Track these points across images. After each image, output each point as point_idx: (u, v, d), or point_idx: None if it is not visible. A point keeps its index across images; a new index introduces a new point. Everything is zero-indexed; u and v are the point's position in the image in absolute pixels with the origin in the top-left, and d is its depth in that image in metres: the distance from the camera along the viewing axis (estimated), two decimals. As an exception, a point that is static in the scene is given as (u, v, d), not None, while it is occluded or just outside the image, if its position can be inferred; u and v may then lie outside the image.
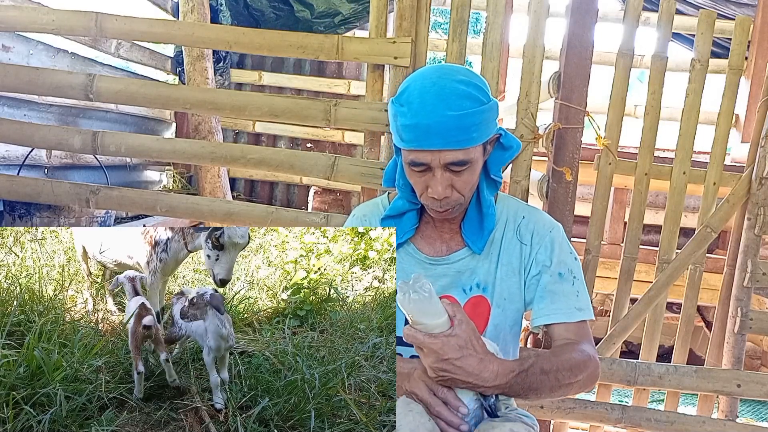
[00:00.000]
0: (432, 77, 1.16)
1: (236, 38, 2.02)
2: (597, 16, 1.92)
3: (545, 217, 1.37)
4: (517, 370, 1.12)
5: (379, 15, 1.95)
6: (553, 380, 1.17)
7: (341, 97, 4.45)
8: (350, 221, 1.45)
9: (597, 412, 2.06)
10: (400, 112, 1.16)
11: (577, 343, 1.26)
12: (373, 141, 2.02)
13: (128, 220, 3.09)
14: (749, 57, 3.88)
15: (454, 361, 1.09)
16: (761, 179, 2.04)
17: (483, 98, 1.16)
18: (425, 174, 1.19)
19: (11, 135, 2.13)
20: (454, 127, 1.12)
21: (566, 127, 1.92)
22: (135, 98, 2.06)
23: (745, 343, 2.11)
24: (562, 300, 1.29)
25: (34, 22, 2.09)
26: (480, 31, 8.73)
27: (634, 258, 2.09)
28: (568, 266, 1.32)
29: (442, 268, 1.33)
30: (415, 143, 1.15)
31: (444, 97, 1.13)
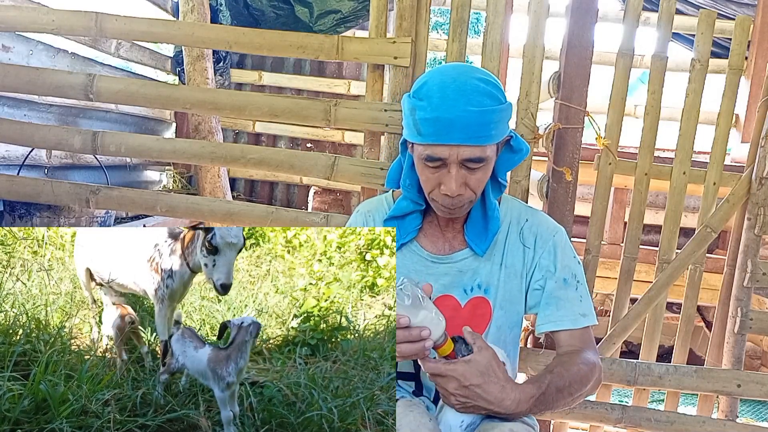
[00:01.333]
0: (451, 74, 1.17)
1: (236, 38, 2.02)
2: (597, 16, 1.92)
3: (549, 221, 1.37)
4: (536, 395, 1.15)
5: (379, 15, 1.95)
6: (567, 395, 1.20)
7: (341, 97, 4.45)
8: (354, 217, 1.45)
9: (597, 412, 2.06)
10: (418, 106, 1.15)
11: (582, 351, 1.28)
12: (373, 141, 2.02)
13: (128, 220, 3.09)
14: (749, 57, 3.88)
15: (476, 388, 1.11)
16: (761, 179, 2.04)
17: (501, 97, 1.17)
18: (439, 170, 1.19)
19: (11, 135, 2.12)
20: (475, 123, 1.13)
21: (566, 127, 1.92)
22: (135, 98, 2.06)
23: (745, 343, 2.11)
24: (567, 306, 1.30)
25: (34, 22, 2.08)
26: (480, 32, 8.73)
27: (634, 258, 2.09)
28: (572, 271, 1.33)
29: (444, 266, 1.33)
30: (434, 137, 1.15)
31: (465, 93, 1.13)
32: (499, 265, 1.33)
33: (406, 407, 1.23)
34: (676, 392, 2.15)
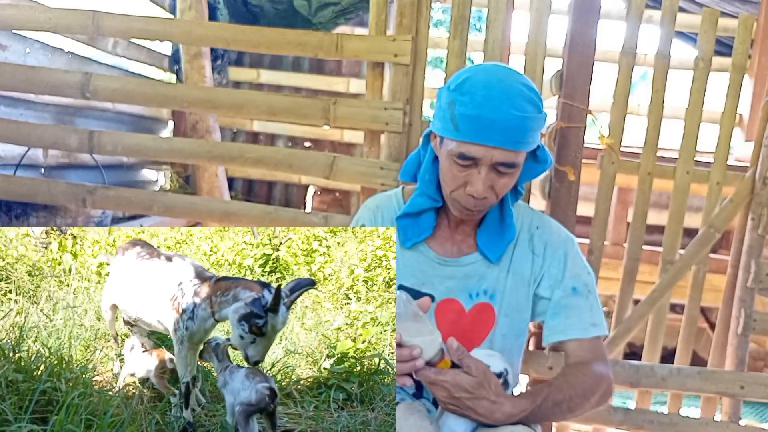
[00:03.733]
0: (497, 74, 1.15)
1: (234, 36, 2.00)
2: (600, 13, 1.90)
3: (560, 230, 1.35)
4: (529, 408, 1.14)
5: (379, 12, 1.93)
6: (566, 409, 1.19)
7: (340, 95, 4.43)
8: (362, 212, 1.41)
9: (600, 414, 2.04)
10: (459, 101, 1.13)
11: (590, 364, 1.26)
12: (373, 140, 2.00)
13: (125, 220, 3.07)
14: (752, 55, 3.86)
15: (465, 401, 1.10)
16: (765, 179, 2.02)
17: (540, 106, 1.16)
18: (468, 170, 1.16)
19: (8, 134, 2.10)
20: (516, 128, 1.11)
21: (569, 126, 1.89)
22: (132, 97, 2.04)
23: (749, 344, 2.09)
24: (576, 315, 1.28)
25: (30, 21, 2.07)
26: (481, 29, 8.72)
27: (637, 259, 2.07)
28: (583, 280, 1.31)
29: (451, 269, 1.30)
30: (472, 135, 1.12)
31: (511, 96, 1.11)
32: (507, 272, 1.30)
33: (407, 410, 1.21)
34: (679, 394, 2.13)
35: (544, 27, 1.87)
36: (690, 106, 2.03)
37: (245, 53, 4.54)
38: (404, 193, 1.38)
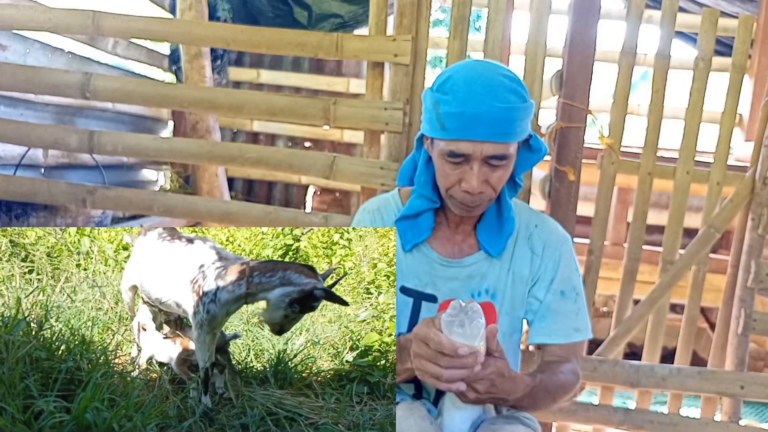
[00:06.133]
0: (477, 69, 1.15)
1: (234, 36, 2.00)
2: (600, 13, 1.90)
3: (558, 229, 1.35)
4: (531, 385, 1.15)
5: (379, 12, 1.93)
6: (550, 400, 1.22)
7: (340, 95, 4.42)
8: (360, 216, 1.39)
9: (600, 414, 2.04)
10: (443, 100, 1.13)
11: (566, 361, 1.28)
12: (373, 140, 2.00)
13: (125, 221, 3.07)
14: (752, 55, 3.85)
15: (501, 385, 1.09)
16: (765, 179, 2.02)
17: (525, 95, 1.16)
18: (460, 167, 1.16)
19: (8, 134, 2.11)
20: (502, 119, 1.11)
21: (569, 126, 1.89)
22: (132, 97, 2.05)
23: (749, 344, 2.09)
24: (561, 321, 1.30)
25: (31, 21, 2.07)
26: (481, 28, 8.72)
27: (637, 259, 2.07)
28: (572, 283, 1.32)
29: (454, 270, 1.30)
30: (459, 132, 1.12)
31: (492, 89, 1.12)
32: (507, 271, 1.31)
33: (407, 411, 1.21)
34: (679, 394, 2.13)
35: (544, 27, 1.87)
36: (690, 106, 2.03)
37: (245, 53, 4.54)
38: (401, 195, 1.38)
